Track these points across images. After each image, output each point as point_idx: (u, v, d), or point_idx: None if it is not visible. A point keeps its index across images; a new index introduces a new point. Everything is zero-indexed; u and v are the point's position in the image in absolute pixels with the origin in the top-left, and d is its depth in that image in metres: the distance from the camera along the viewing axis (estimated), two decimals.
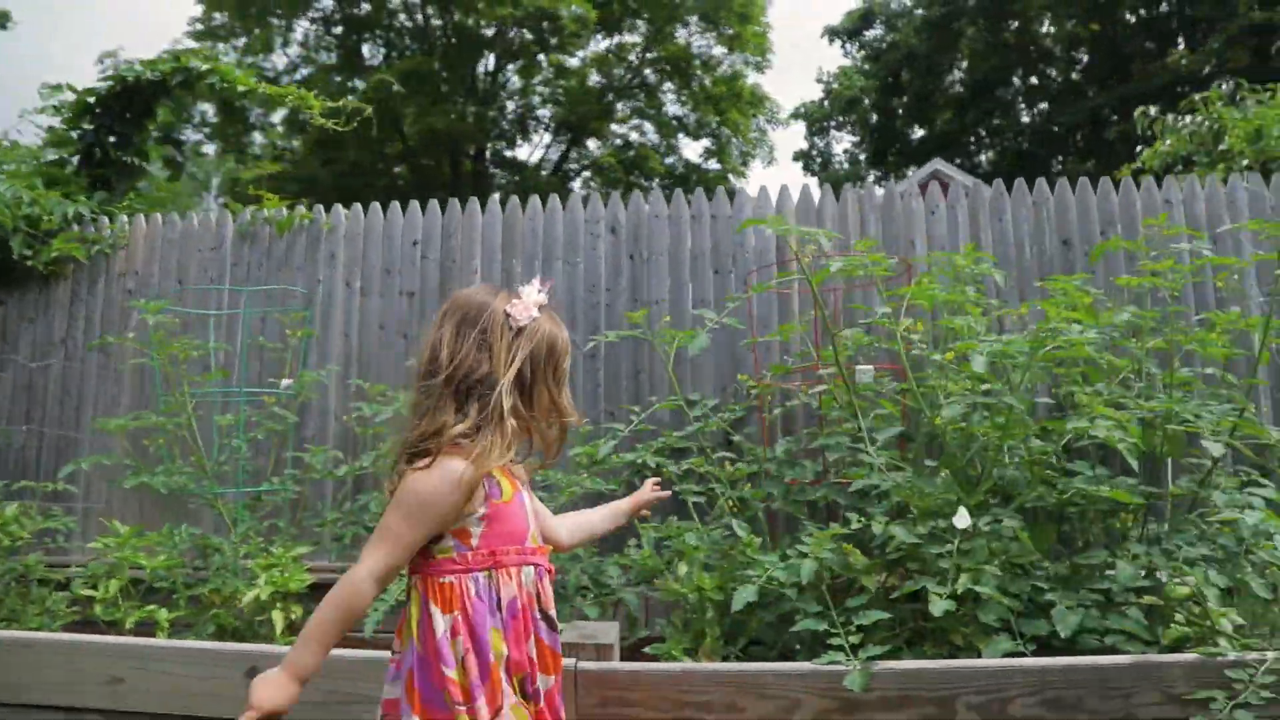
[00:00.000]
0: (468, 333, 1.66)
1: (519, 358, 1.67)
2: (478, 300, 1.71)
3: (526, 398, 1.68)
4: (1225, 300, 4.06)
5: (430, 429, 1.62)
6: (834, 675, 2.24)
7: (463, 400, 1.63)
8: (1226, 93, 7.06)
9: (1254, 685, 2.08)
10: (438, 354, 1.66)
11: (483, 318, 1.67)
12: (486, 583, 1.63)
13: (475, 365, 1.64)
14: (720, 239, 4.49)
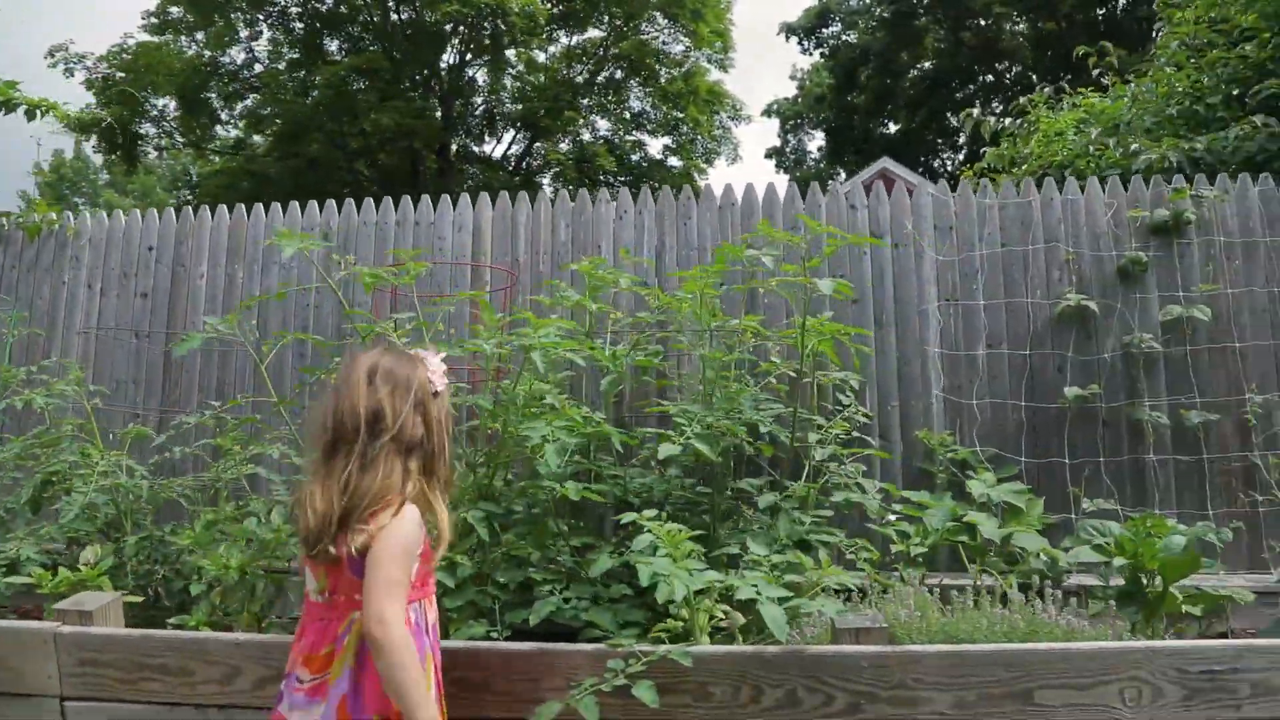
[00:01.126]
0: (404, 397, 1.85)
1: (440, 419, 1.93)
2: (405, 368, 1.90)
3: (444, 457, 1.94)
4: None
5: (383, 484, 1.78)
6: (266, 645, 2.41)
7: (404, 457, 1.83)
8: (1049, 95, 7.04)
9: (622, 674, 2.17)
10: (378, 414, 1.82)
11: (414, 385, 1.88)
12: (420, 609, 1.87)
13: (415, 427, 1.86)
14: (419, 242, 4.56)
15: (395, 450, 1.82)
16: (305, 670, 1.81)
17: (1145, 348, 4.02)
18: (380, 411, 1.82)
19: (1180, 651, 2.28)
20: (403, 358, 1.94)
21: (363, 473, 1.79)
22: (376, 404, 1.83)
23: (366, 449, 1.80)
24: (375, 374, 1.87)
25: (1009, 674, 2.27)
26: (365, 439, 1.80)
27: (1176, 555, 2.68)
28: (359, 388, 1.85)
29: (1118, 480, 4.02)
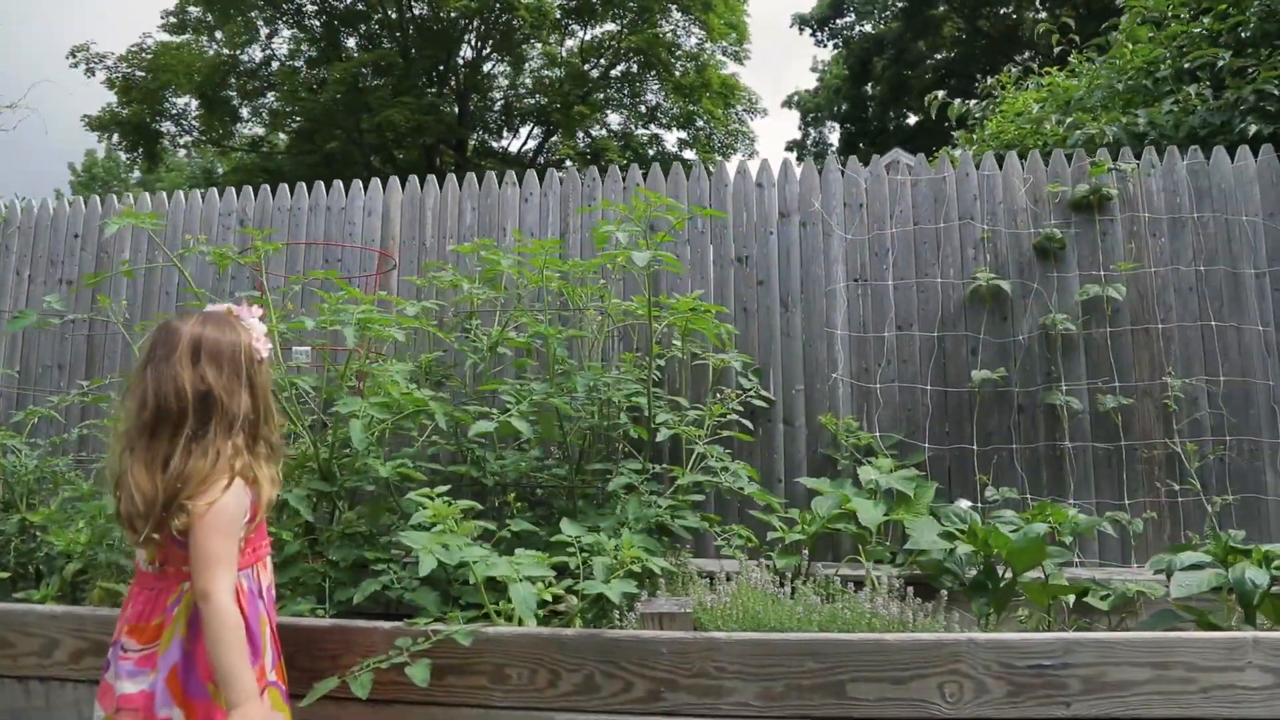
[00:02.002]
0: (231, 374, 1.80)
1: (265, 385, 1.90)
2: (229, 339, 1.83)
3: (270, 422, 1.90)
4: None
5: (208, 466, 1.74)
6: (82, 618, 2.43)
7: (229, 431, 1.78)
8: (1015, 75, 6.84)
9: (406, 652, 2.15)
10: (207, 397, 1.76)
11: (240, 356, 1.82)
12: (252, 574, 1.87)
13: (242, 403, 1.80)
14: (331, 227, 4.52)
15: (224, 431, 1.78)
16: (132, 640, 1.79)
17: (1062, 329, 3.85)
18: (210, 394, 1.77)
19: (1005, 645, 2.15)
20: (224, 325, 1.85)
21: (187, 458, 1.73)
22: (204, 386, 1.77)
23: (195, 433, 1.75)
24: (200, 350, 1.79)
25: (818, 665, 2.16)
26: (194, 423, 1.75)
27: (1023, 544, 2.53)
28: (183, 366, 1.77)
29: (1033, 468, 3.85)
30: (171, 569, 1.80)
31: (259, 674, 1.80)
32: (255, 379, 1.85)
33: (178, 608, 1.78)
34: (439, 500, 2.19)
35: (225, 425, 1.77)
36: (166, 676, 1.75)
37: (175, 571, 1.79)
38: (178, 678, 1.75)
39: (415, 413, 2.60)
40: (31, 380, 4.82)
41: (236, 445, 1.79)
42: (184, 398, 1.74)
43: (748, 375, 3.91)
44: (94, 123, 19.94)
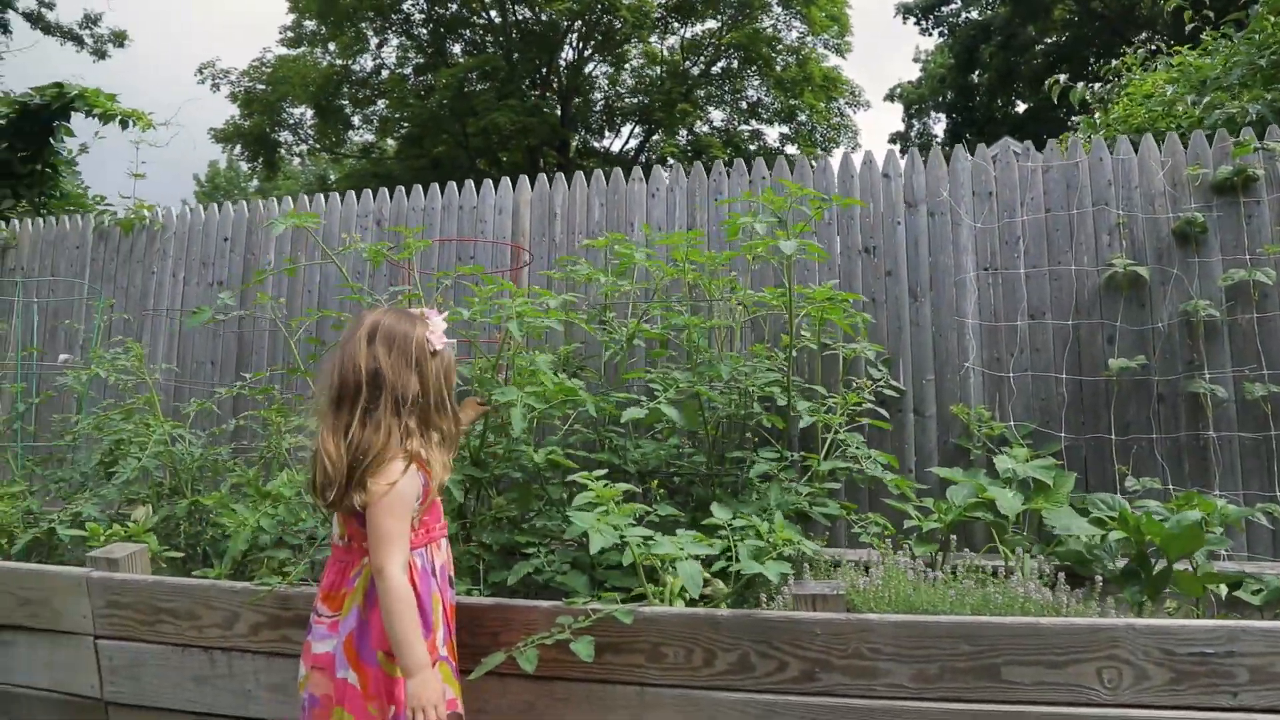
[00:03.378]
0: (400, 357, 1.96)
1: (438, 377, 2.02)
2: (403, 328, 2.00)
3: (444, 411, 2.03)
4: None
5: (382, 441, 1.90)
6: (258, 593, 2.59)
7: (401, 414, 1.94)
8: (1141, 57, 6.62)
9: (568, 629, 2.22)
10: (377, 374, 1.94)
11: (411, 345, 1.98)
12: (426, 555, 2.02)
13: (409, 384, 1.96)
14: (464, 226, 4.70)
15: (393, 408, 1.92)
16: (325, 606, 2.00)
17: (1205, 316, 3.74)
18: (379, 372, 1.93)
19: (1166, 630, 2.12)
20: (403, 317, 2.03)
21: (363, 429, 1.90)
22: (374, 364, 1.93)
23: (369, 406, 1.92)
24: (376, 334, 1.97)
25: (973, 648, 2.16)
26: (366, 397, 1.92)
27: (1178, 531, 2.48)
28: (360, 346, 1.95)
29: (1174, 458, 3.75)
30: (355, 544, 1.98)
31: (430, 648, 1.92)
32: (425, 367, 1.98)
33: (358, 580, 1.96)
34: (600, 483, 2.28)
35: (393, 403, 1.92)
36: (344, 641, 1.94)
37: (358, 547, 1.97)
38: (353, 644, 1.94)
39: (564, 401, 2.71)
40: (187, 375, 5.16)
41: (408, 426, 1.94)
42: (359, 374, 1.92)
43: (877, 365, 3.92)
44: (219, 135, 21.01)
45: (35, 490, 4.14)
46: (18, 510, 3.85)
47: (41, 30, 18.49)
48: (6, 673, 2.97)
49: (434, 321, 2.06)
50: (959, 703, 2.18)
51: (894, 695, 2.19)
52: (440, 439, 2.03)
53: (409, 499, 1.91)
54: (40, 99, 6.14)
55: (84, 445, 4.77)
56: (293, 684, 2.59)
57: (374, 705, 1.92)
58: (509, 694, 2.36)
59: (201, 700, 2.69)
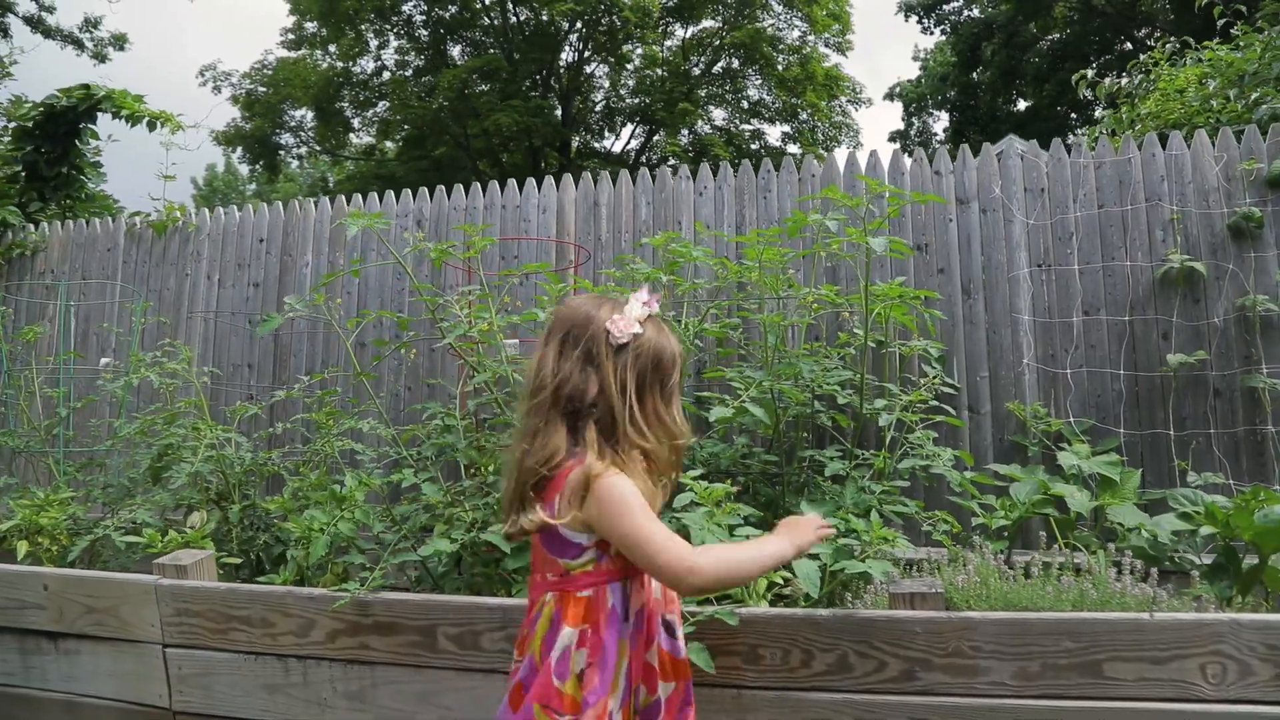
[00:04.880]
0: (570, 351, 1.59)
1: (625, 376, 1.58)
2: (581, 315, 1.62)
3: (634, 420, 1.58)
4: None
5: (543, 454, 1.56)
6: (339, 600, 2.55)
7: (572, 421, 1.58)
8: (1168, 52, 6.62)
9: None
10: (543, 372, 1.60)
11: (585, 336, 1.59)
12: (621, 590, 1.61)
13: (581, 385, 1.57)
14: (507, 229, 4.68)
15: (558, 411, 1.58)
16: (516, 651, 1.69)
17: (1262, 310, 3.74)
18: (542, 369, 1.61)
19: (1271, 626, 2.10)
20: (590, 303, 1.66)
21: (532, 437, 1.59)
22: (541, 359, 1.62)
23: (535, 410, 1.60)
24: (554, 326, 1.65)
25: (1075, 644, 2.14)
26: (549, 406, 1.59)
27: (1272, 524, 2.48)
28: (541, 341, 1.66)
29: (1232, 453, 3.75)
30: (537, 576, 1.65)
31: (601, 712, 1.55)
32: (604, 364, 1.58)
33: (539, 622, 1.61)
34: (700, 483, 2.27)
35: (560, 407, 1.58)
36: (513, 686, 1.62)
37: (540, 580, 1.64)
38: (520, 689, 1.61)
39: None
40: (225, 378, 5.12)
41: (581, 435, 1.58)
42: (544, 379, 1.59)
43: (931, 363, 3.91)
44: (221, 137, 20.97)
45: (77, 496, 4.11)
46: (66, 517, 3.82)
47: (42, 34, 18.40)
48: (71, 681, 2.94)
49: (631, 305, 1.63)
50: (1061, 700, 2.17)
51: (995, 694, 2.18)
52: (642, 458, 1.60)
53: (639, 493, 1.54)
54: (67, 101, 6.10)
55: (123, 450, 4.74)
56: (370, 691, 2.57)
57: None
58: None
59: (274, 709, 2.66)
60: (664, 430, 1.62)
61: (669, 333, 1.68)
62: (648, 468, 1.61)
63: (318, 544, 2.77)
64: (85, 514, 3.98)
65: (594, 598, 1.58)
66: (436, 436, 3.30)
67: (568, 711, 1.53)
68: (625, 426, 1.57)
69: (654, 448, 1.60)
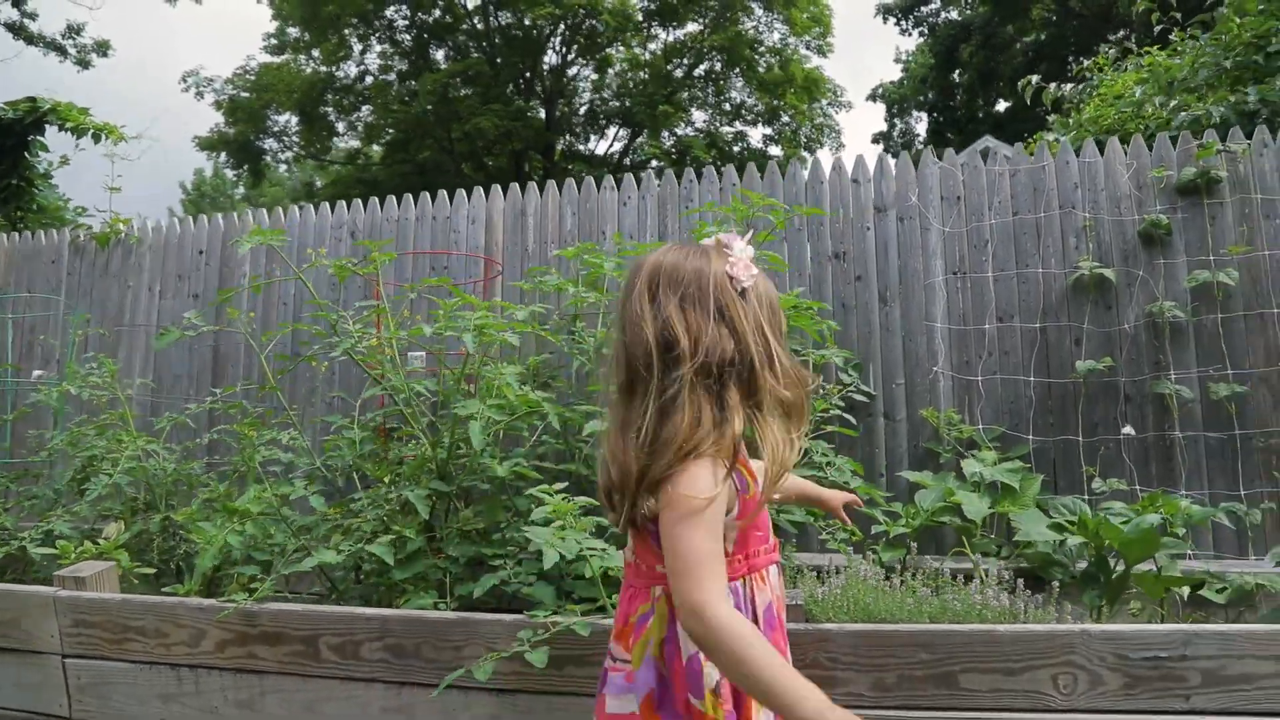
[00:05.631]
0: (697, 308, 1.40)
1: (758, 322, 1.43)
2: (692, 267, 1.43)
3: (774, 369, 1.41)
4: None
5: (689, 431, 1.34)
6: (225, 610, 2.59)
7: (713, 387, 1.37)
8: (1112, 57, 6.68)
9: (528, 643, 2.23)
10: (671, 335, 1.37)
11: (709, 287, 1.40)
12: (743, 591, 1.45)
13: (720, 344, 1.38)
14: (437, 237, 4.72)
15: (700, 381, 1.36)
16: (618, 646, 1.48)
17: (1170, 317, 3.78)
18: (670, 334, 1.37)
19: (1120, 636, 2.14)
20: (691, 251, 1.46)
21: (663, 417, 1.35)
22: (664, 325, 1.38)
23: (665, 386, 1.36)
24: (658, 283, 1.42)
25: (930, 656, 2.18)
26: (660, 373, 1.37)
27: (1136, 534, 2.51)
28: (642, 306, 1.42)
29: (1141, 459, 3.79)
30: (644, 565, 1.46)
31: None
32: (734, 313, 1.40)
33: (651, 619, 1.43)
34: (558, 497, 2.30)
35: (700, 376, 1.36)
36: (642, 703, 1.42)
37: (647, 569, 1.45)
38: (652, 706, 1.41)
39: (528, 414, 2.72)
40: (164, 389, 5.15)
41: (726, 402, 1.37)
42: (646, 344, 1.38)
43: (848, 370, 3.94)
44: (204, 143, 21.01)
45: (10, 507, 4.14)
46: None
47: (24, 41, 18.40)
48: None
49: (736, 248, 1.46)
50: (917, 710, 2.20)
51: (853, 704, 2.20)
52: (780, 409, 1.42)
53: (719, 508, 1.34)
54: (13, 113, 6.13)
55: (60, 461, 4.77)
56: (259, 699, 2.61)
57: None
58: (473, 707, 2.38)
59: (169, 717, 2.69)
60: (798, 375, 1.46)
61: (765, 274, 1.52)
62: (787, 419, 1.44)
63: (205, 556, 2.81)
64: (14, 525, 4.00)
65: None
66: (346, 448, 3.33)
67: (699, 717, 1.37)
68: (766, 379, 1.40)
69: (795, 395, 1.43)
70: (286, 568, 2.85)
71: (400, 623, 2.45)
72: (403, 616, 2.47)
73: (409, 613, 2.50)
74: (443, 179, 22.16)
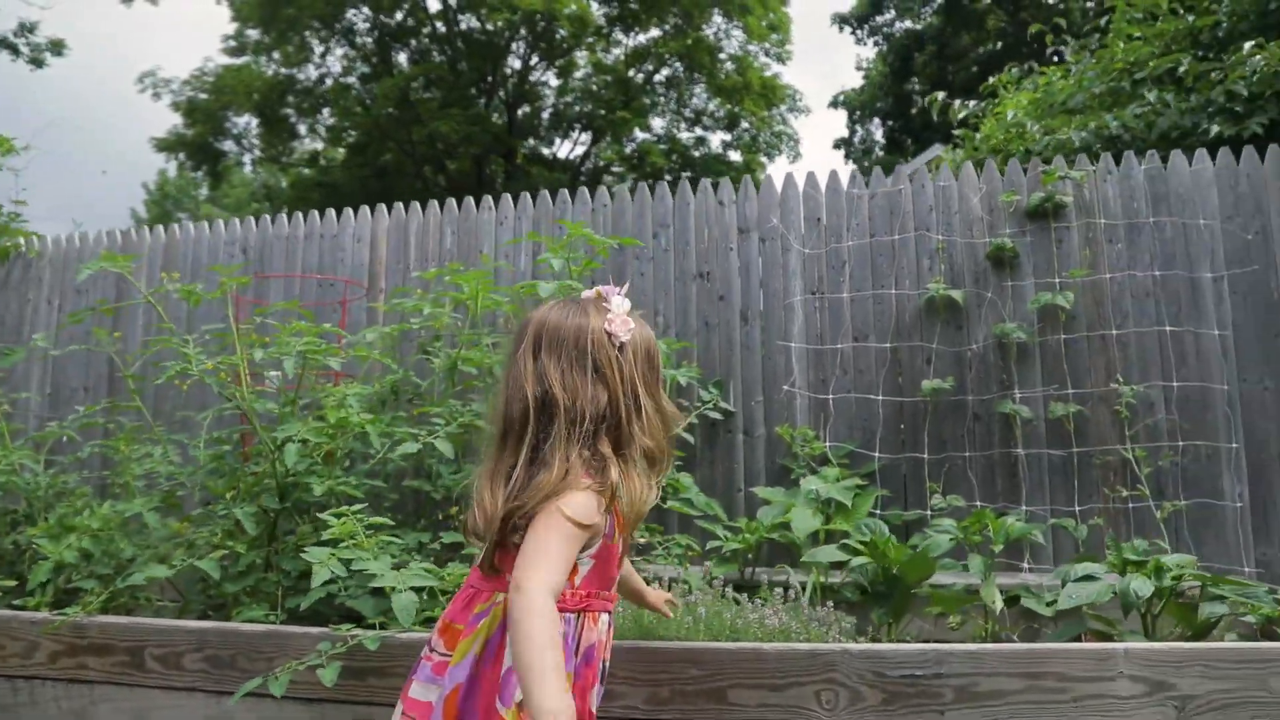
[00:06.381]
0: (575, 367, 1.51)
1: (631, 377, 1.54)
2: (573, 325, 1.54)
3: (641, 420, 1.54)
4: None
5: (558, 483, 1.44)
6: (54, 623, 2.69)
7: (587, 440, 1.49)
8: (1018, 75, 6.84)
9: (325, 654, 2.32)
10: (548, 392, 1.49)
11: (587, 343, 1.52)
12: (575, 624, 1.53)
13: (592, 400, 1.50)
14: (324, 255, 4.79)
15: (570, 435, 1.48)
16: (439, 639, 1.58)
17: (1015, 338, 3.92)
18: (548, 392, 1.49)
19: (878, 655, 2.24)
20: (573, 309, 1.57)
21: (533, 467, 1.47)
22: (543, 384, 1.50)
23: (538, 440, 1.49)
24: (540, 342, 1.54)
25: (701, 672, 2.27)
26: (535, 428, 1.49)
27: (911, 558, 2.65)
28: (525, 363, 1.53)
29: (987, 475, 3.92)
30: (496, 576, 1.55)
31: None
32: (607, 372, 1.52)
33: (484, 620, 1.51)
34: (351, 517, 2.40)
35: (571, 429, 1.48)
36: (447, 695, 1.48)
37: (498, 578, 1.53)
38: (457, 703, 1.47)
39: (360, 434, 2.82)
40: (62, 402, 5.19)
41: (601, 455, 1.49)
42: (525, 401, 1.49)
43: (708, 388, 4.06)
44: (161, 144, 20.92)
45: None
46: None
47: None
48: None
49: (615, 303, 1.58)
50: None
51: (628, 717, 2.31)
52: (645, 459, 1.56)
53: (586, 526, 1.44)
54: None
55: None
56: (90, 709, 2.70)
57: None
58: (285, 715, 2.47)
59: None
60: (665, 423, 1.60)
61: (644, 322, 1.64)
62: (649, 467, 1.57)
63: (38, 571, 2.89)
64: None
65: None
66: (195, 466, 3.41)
67: None
68: (633, 431, 1.53)
69: (657, 444, 1.57)
70: (123, 581, 2.94)
71: (217, 635, 2.55)
72: (219, 629, 2.58)
73: (225, 625, 2.60)
74: (403, 182, 22.18)
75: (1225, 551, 3.73)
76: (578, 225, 3.07)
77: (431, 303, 3.72)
